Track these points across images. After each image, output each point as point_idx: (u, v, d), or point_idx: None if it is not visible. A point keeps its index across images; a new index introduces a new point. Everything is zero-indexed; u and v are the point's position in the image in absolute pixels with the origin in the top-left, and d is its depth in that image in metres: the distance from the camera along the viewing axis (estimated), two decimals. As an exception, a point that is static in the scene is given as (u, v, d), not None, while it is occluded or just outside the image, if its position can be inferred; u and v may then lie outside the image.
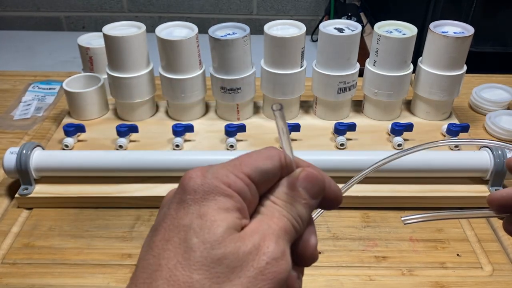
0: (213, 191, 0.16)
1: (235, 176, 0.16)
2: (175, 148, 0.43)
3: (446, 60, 0.44)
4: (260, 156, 0.17)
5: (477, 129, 0.49)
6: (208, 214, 0.15)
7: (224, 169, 0.17)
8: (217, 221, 0.15)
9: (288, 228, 0.16)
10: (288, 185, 0.17)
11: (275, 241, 0.16)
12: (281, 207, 0.17)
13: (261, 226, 0.16)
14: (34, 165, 0.39)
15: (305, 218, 0.17)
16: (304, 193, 0.17)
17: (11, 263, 0.34)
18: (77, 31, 1.58)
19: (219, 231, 0.15)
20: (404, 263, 0.34)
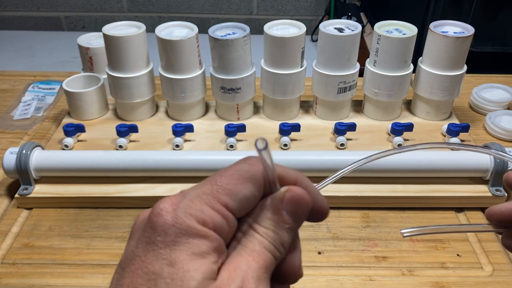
0: (185, 232, 0.14)
1: (211, 209, 0.15)
2: (175, 148, 0.43)
3: (446, 60, 0.44)
4: (239, 176, 0.15)
5: (477, 129, 0.49)
6: (180, 262, 0.14)
7: (198, 201, 0.15)
8: (191, 271, 0.14)
9: (270, 262, 0.15)
10: (272, 208, 0.16)
11: (256, 286, 0.14)
12: (263, 237, 0.15)
13: (239, 267, 0.14)
14: (34, 165, 0.39)
15: (287, 243, 0.16)
16: (288, 217, 0.16)
17: (10, 263, 0.34)
18: (77, 31, 1.58)
19: (192, 284, 0.13)
20: (404, 263, 0.34)
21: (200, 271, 0.14)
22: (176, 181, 0.40)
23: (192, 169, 0.39)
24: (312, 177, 0.43)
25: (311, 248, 0.36)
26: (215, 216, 0.15)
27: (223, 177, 0.15)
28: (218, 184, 0.15)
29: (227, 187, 0.15)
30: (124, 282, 0.14)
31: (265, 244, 0.15)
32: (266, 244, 0.15)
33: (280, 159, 0.39)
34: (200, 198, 0.15)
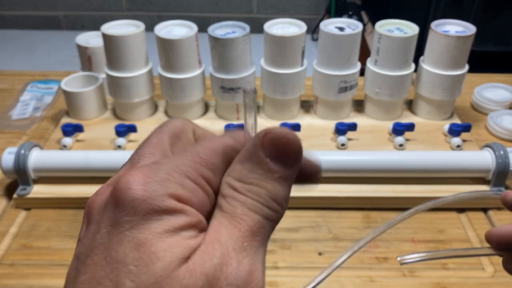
0: (159, 208, 0.12)
1: (193, 182, 0.12)
2: (175, 148, 0.43)
3: (448, 59, 0.44)
4: (224, 152, 0.13)
5: (479, 129, 0.48)
6: (147, 243, 0.11)
7: (177, 173, 0.12)
8: (159, 253, 0.11)
9: (258, 225, 0.12)
10: (252, 159, 0.13)
11: (239, 259, 0.12)
12: (245, 196, 0.12)
13: (217, 239, 0.12)
14: (32, 165, 0.38)
15: (283, 196, 0.13)
16: (275, 164, 0.13)
17: (9, 264, 0.34)
18: (75, 30, 1.57)
19: (160, 268, 0.11)
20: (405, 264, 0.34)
21: (170, 251, 0.11)
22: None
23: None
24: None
25: (312, 249, 0.35)
26: (197, 191, 0.12)
27: (206, 150, 0.13)
28: (201, 156, 0.13)
29: (210, 161, 0.13)
30: (84, 279, 0.12)
31: (249, 204, 0.12)
32: (250, 204, 0.12)
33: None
34: (180, 169, 0.12)
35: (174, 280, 0.11)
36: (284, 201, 0.13)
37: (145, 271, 0.11)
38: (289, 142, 0.13)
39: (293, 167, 0.13)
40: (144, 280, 0.11)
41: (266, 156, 0.13)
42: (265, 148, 0.13)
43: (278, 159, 0.13)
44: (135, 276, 0.11)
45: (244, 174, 0.13)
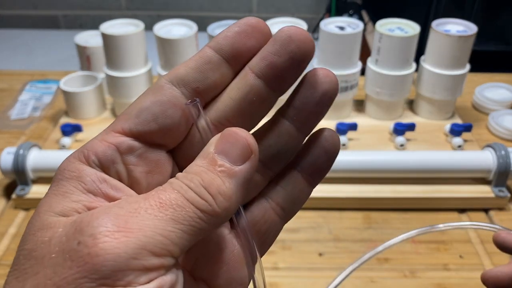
0: (58, 175, 0.12)
1: (97, 140, 0.13)
2: (174, 148, 0.43)
3: (449, 59, 0.44)
4: (139, 97, 0.13)
5: (480, 129, 0.48)
6: (39, 206, 0.12)
7: (91, 140, 0.13)
8: (42, 212, 0.12)
9: (175, 202, 0.11)
10: (202, 154, 0.12)
11: (115, 215, 0.11)
12: (178, 179, 0.12)
13: (116, 203, 0.12)
14: (31, 165, 0.38)
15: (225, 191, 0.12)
16: (220, 158, 0.12)
17: (8, 265, 0.34)
18: (74, 30, 1.57)
19: (37, 223, 0.12)
20: (406, 264, 0.34)
21: (51, 208, 0.12)
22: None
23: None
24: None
25: (312, 249, 0.35)
26: (97, 146, 0.12)
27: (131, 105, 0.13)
28: (118, 116, 0.13)
29: (123, 112, 0.13)
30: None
31: (174, 185, 0.12)
32: (176, 184, 0.12)
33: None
34: (95, 137, 0.13)
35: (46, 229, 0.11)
36: (223, 197, 0.12)
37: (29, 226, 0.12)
38: (237, 138, 0.12)
39: (240, 164, 0.12)
40: (27, 232, 0.12)
41: (215, 151, 0.12)
42: (215, 144, 0.13)
43: (224, 154, 0.12)
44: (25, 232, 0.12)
45: (192, 166, 0.12)
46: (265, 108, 0.14)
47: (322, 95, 0.14)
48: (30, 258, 0.11)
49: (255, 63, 0.13)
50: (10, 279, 0.11)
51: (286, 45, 0.13)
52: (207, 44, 0.13)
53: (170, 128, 0.13)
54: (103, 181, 0.13)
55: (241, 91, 0.13)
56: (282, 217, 0.15)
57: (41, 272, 0.11)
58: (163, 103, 0.13)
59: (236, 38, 0.13)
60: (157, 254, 0.11)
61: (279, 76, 0.13)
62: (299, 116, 0.14)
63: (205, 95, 0.13)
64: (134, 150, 0.13)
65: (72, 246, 0.11)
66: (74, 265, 0.11)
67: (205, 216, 0.12)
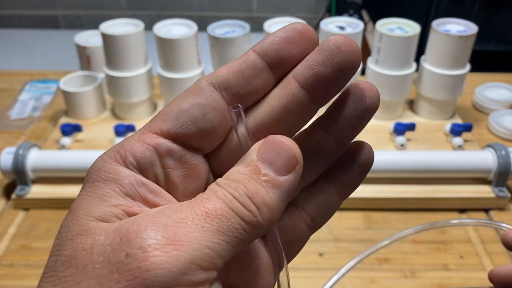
0: (93, 176, 0.12)
1: (134, 141, 0.12)
2: (174, 148, 0.43)
3: (449, 59, 0.44)
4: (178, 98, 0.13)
5: (480, 129, 0.48)
6: (76, 207, 0.12)
7: (125, 139, 0.12)
8: (80, 215, 0.11)
9: (220, 212, 0.11)
10: (243, 162, 0.12)
11: (164, 225, 0.10)
12: (221, 187, 0.12)
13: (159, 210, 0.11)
14: (31, 165, 0.38)
15: (268, 202, 0.11)
16: (264, 167, 0.12)
17: (7, 265, 0.34)
18: (74, 30, 1.57)
19: (75, 227, 0.11)
20: (406, 265, 0.34)
21: (89, 213, 0.11)
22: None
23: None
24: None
25: (312, 249, 0.35)
26: (136, 147, 0.12)
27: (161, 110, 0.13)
28: (154, 115, 0.13)
29: (161, 112, 0.13)
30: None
31: (219, 193, 0.11)
32: (220, 193, 0.11)
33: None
34: (131, 137, 0.13)
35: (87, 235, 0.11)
36: (267, 208, 0.11)
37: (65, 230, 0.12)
38: (282, 147, 0.12)
39: (284, 174, 0.12)
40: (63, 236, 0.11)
41: (258, 159, 0.12)
42: (259, 151, 0.12)
43: (268, 162, 0.12)
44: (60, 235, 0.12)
45: (232, 172, 0.12)
46: (305, 119, 0.13)
47: (365, 109, 0.13)
48: (70, 265, 0.11)
49: (299, 72, 0.13)
50: (48, 285, 0.11)
51: (334, 56, 0.12)
52: (252, 48, 0.13)
53: (209, 132, 0.13)
54: (141, 184, 0.12)
55: (282, 100, 0.13)
56: (311, 227, 0.15)
57: (84, 283, 0.10)
58: (203, 106, 0.13)
59: (283, 44, 0.13)
60: (204, 268, 0.11)
61: (323, 87, 0.13)
62: (338, 129, 0.14)
63: (244, 101, 0.13)
64: (172, 153, 0.12)
65: (119, 258, 0.10)
66: (122, 278, 0.10)
67: (249, 228, 0.11)
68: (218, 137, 0.13)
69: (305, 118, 0.13)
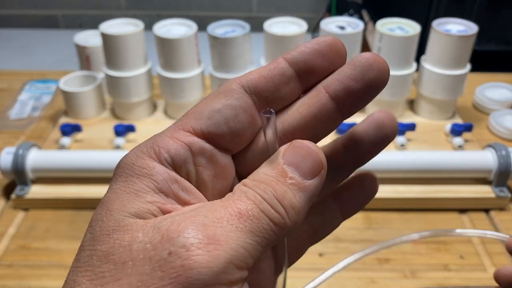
0: (125, 171, 0.12)
1: (168, 138, 0.12)
2: (174, 148, 0.43)
3: (450, 58, 0.43)
4: (210, 97, 0.13)
5: (481, 129, 0.48)
6: (109, 201, 0.12)
7: (157, 135, 0.13)
8: (115, 210, 0.11)
9: (251, 213, 0.11)
10: (269, 164, 0.12)
11: (203, 225, 0.11)
12: (249, 188, 0.12)
13: (193, 209, 0.12)
14: (31, 165, 0.38)
15: (294, 204, 0.12)
16: (291, 170, 0.12)
17: (7, 265, 0.34)
18: (74, 29, 1.56)
19: (111, 223, 0.11)
20: (406, 265, 0.34)
21: (126, 208, 0.11)
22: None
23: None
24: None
25: (312, 250, 0.35)
26: (170, 144, 0.12)
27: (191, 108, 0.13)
28: (185, 113, 0.13)
29: (194, 109, 0.13)
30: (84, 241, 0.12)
31: (249, 194, 0.12)
32: (250, 194, 0.12)
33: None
34: (163, 133, 0.13)
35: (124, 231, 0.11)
36: (294, 211, 0.12)
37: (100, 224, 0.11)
38: (309, 152, 0.13)
39: (310, 178, 0.12)
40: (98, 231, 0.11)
41: (284, 162, 0.12)
42: (285, 155, 0.13)
43: (295, 166, 0.12)
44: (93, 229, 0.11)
45: (259, 173, 0.12)
46: (330, 129, 0.14)
47: (384, 138, 0.14)
48: (107, 261, 0.11)
49: (330, 84, 0.13)
50: (83, 280, 0.11)
51: (366, 72, 0.13)
52: (282, 55, 0.13)
53: (239, 133, 0.13)
54: (174, 181, 0.12)
55: (312, 108, 0.13)
56: (312, 239, 0.16)
57: (123, 279, 0.10)
58: (235, 107, 0.13)
59: (313, 55, 0.13)
60: (239, 268, 0.11)
61: (352, 100, 0.13)
62: (356, 152, 0.14)
63: (272, 106, 0.13)
64: (205, 152, 0.13)
65: (162, 255, 0.10)
66: (166, 276, 0.10)
67: (277, 229, 0.12)
68: (247, 139, 0.14)
69: (331, 128, 0.14)
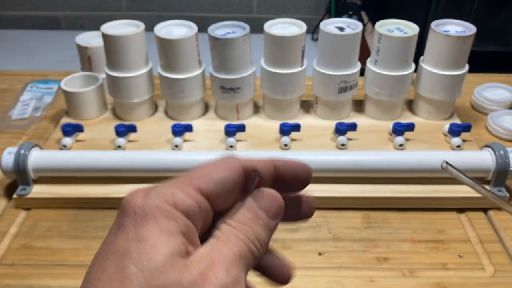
0: (154, 212, 0.14)
1: (183, 192, 0.15)
2: (174, 148, 0.43)
3: (448, 59, 0.44)
4: (215, 165, 0.16)
5: (479, 129, 0.48)
6: (148, 238, 0.14)
7: (170, 187, 0.15)
8: (158, 245, 0.14)
9: (244, 253, 0.15)
10: (246, 206, 0.16)
11: (226, 268, 0.14)
12: (237, 230, 0.16)
13: (212, 252, 0.15)
14: (32, 165, 0.38)
15: (264, 241, 0.16)
16: (262, 213, 0.16)
17: (9, 264, 0.34)
18: (75, 30, 1.57)
19: (160, 258, 0.13)
20: (405, 264, 0.34)
21: (168, 246, 0.14)
22: (175, 181, 0.39)
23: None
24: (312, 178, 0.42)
25: (312, 249, 0.35)
26: (186, 199, 0.15)
27: (198, 167, 0.16)
28: (193, 171, 0.16)
29: (201, 172, 0.16)
30: (93, 269, 0.14)
31: (240, 236, 0.15)
32: (241, 236, 0.15)
33: (280, 159, 0.39)
34: (173, 185, 0.15)
35: (173, 269, 0.13)
36: (263, 246, 0.16)
37: (147, 258, 0.13)
38: (275, 198, 0.17)
39: (275, 219, 0.17)
40: (146, 265, 0.13)
41: (257, 206, 0.16)
42: (257, 200, 0.16)
43: (265, 210, 0.16)
44: (137, 262, 0.13)
45: (239, 216, 0.16)
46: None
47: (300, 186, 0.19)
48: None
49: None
50: None
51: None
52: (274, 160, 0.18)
53: (230, 201, 0.17)
54: (190, 227, 0.15)
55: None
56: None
57: None
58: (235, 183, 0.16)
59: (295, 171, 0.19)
60: None
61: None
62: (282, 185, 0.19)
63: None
64: (207, 209, 0.16)
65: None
66: None
67: (255, 261, 0.16)
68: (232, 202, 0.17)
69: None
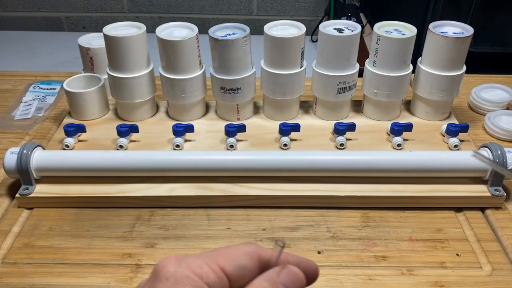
0: (183, 280, 0.16)
1: (209, 267, 0.17)
2: (175, 148, 0.43)
3: (446, 60, 0.44)
4: (238, 250, 0.18)
5: (477, 129, 0.49)
6: None
7: (199, 259, 0.17)
8: None
9: None
10: (268, 280, 0.18)
11: None
12: None
13: None
14: (35, 165, 0.39)
15: None
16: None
17: (11, 263, 0.35)
18: (77, 32, 1.58)
19: None
20: (403, 262, 0.34)
21: None
22: (176, 181, 0.40)
23: (192, 169, 0.39)
24: (311, 177, 0.43)
25: (311, 247, 0.36)
26: (211, 273, 0.17)
27: (224, 248, 0.18)
28: (220, 251, 0.18)
29: (226, 254, 0.18)
30: None
31: None
32: None
33: (280, 159, 0.39)
34: (201, 258, 0.17)
35: None
36: None
37: None
38: (297, 277, 0.18)
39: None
40: None
41: (279, 281, 0.18)
42: (280, 276, 0.18)
43: (285, 286, 0.18)
44: None
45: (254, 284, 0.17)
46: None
47: None
48: None
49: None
50: None
51: None
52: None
53: (246, 283, 0.18)
54: None
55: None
56: None
57: None
58: (253, 271, 0.18)
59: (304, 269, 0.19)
60: None
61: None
62: None
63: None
64: (226, 285, 0.17)
65: None
66: None
67: None
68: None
69: None
